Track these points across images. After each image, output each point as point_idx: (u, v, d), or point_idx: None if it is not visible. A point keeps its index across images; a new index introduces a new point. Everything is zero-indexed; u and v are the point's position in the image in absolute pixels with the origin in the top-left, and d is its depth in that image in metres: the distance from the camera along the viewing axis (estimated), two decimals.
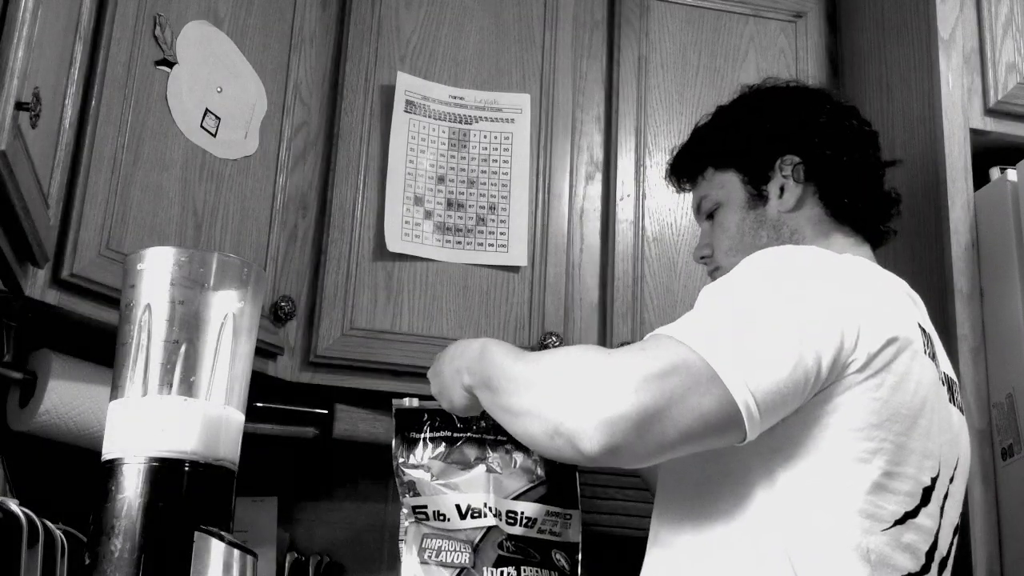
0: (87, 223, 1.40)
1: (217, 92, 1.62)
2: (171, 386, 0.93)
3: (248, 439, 1.09)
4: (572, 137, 1.93)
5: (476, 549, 1.32)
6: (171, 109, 1.54)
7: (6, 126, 1.04)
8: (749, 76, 2.00)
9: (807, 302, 1.07)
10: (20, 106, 1.06)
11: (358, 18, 1.88)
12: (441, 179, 1.84)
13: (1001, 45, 1.76)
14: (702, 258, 1.41)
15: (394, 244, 1.77)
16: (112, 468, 0.92)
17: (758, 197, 1.34)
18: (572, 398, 1.02)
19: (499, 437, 1.38)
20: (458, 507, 1.33)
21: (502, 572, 1.31)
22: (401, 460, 1.37)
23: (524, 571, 1.32)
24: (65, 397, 1.48)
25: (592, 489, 1.71)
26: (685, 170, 1.46)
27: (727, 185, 1.37)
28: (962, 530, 1.56)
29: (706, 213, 1.40)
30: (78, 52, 1.38)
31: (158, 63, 1.53)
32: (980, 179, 1.69)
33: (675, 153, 1.49)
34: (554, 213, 1.87)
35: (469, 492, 1.34)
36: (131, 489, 0.90)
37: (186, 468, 0.91)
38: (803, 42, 2.06)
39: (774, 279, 1.09)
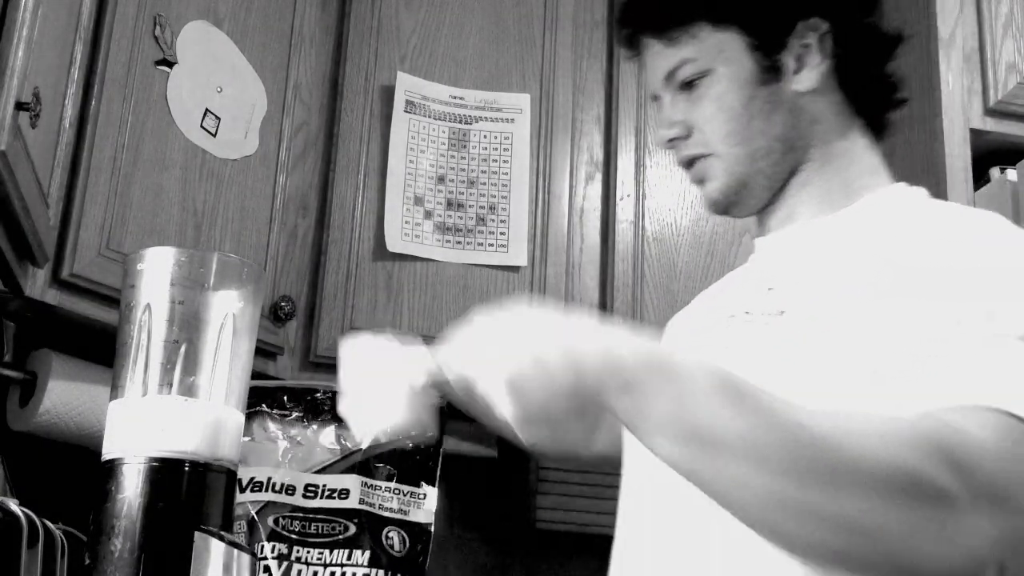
0: (87, 223, 1.40)
1: (217, 92, 1.62)
2: (171, 386, 0.93)
3: None
4: (572, 137, 1.93)
5: (251, 523, 1.30)
6: (171, 109, 1.54)
7: (6, 126, 1.04)
8: None
9: None
10: (20, 106, 1.06)
11: (358, 18, 1.88)
12: (441, 179, 1.84)
13: (1001, 45, 1.76)
14: (671, 140, 1.07)
15: (394, 244, 1.77)
16: (112, 468, 0.92)
17: (770, 69, 1.03)
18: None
19: (296, 412, 1.36)
20: (240, 480, 1.27)
21: (273, 547, 1.29)
22: None
23: (299, 550, 1.29)
24: (65, 397, 1.48)
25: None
26: (658, 20, 1.06)
27: (727, 49, 1.03)
28: None
29: (683, 81, 1.05)
30: (78, 52, 1.38)
31: (158, 63, 1.53)
32: (980, 179, 1.69)
33: None
34: (554, 213, 1.87)
35: (256, 465, 1.31)
36: (131, 489, 0.90)
37: (186, 468, 0.91)
38: None
39: None
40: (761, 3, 1.04)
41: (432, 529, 1.36)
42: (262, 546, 1.27)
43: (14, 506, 1.11)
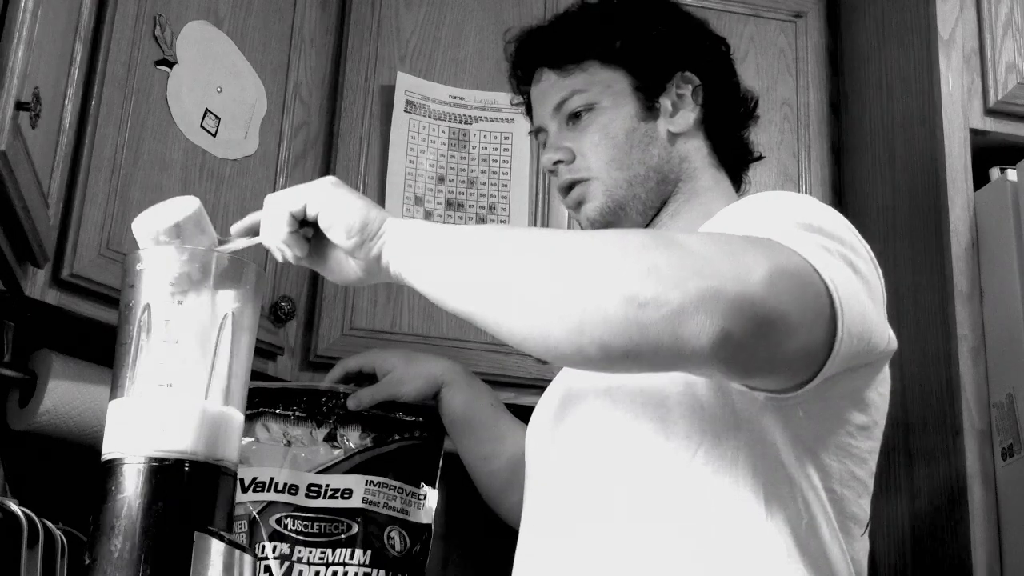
0: (87, 223, 1.40)
1: (217, 92, 1.62)
2: (171, 386, 0.93)
3: None
4: None
5: (252, 523, 1.29)
6: (171, 109, 1.54)
7: (6, 126, 1.04)
8: (749, 76, 1.99)
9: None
10: (20, 106, 1.06)
11: (358, 18, 1.88)
12: (441, 179, 1.84)
13: (1001, 45, 1.76)
14: (556, 163, 1.19)
15: None
16: (112, 468, 0.92)
17: (650, 108, 1.17)
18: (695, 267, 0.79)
19: (298, 413, 1.35)
20: (242, 480, 1.28)
21: (275, 547, 1.29)
22: None
23: (300, 550, 1.28)
24: (65, 397, 1.48)
25: None
26: (555, 53, 1.21)
27: (614, 87, 1.17)
28: (962, 530, 1.56)
29: (571, 111, 1.18)
30: (78, 52, 1.38)
31: (158, 63, 1.53)
32: (980, 179, 1.69)
33: (535, 30, 1.26)
34: (554, 213, 1.87)
35: (257, 466, 1.31)
36: (131, 489, 0.90)
37: (186, 468, 0.91)
38: (803, 42, 2.06)
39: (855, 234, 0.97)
40: (646, 51, 1.18)
41: (432, 529, 1.36)
42: (263, 546, 1.27)
43: (14, 506, 1.11)
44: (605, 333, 0.79)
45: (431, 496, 1.37)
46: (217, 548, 0.90)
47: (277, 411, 1.35)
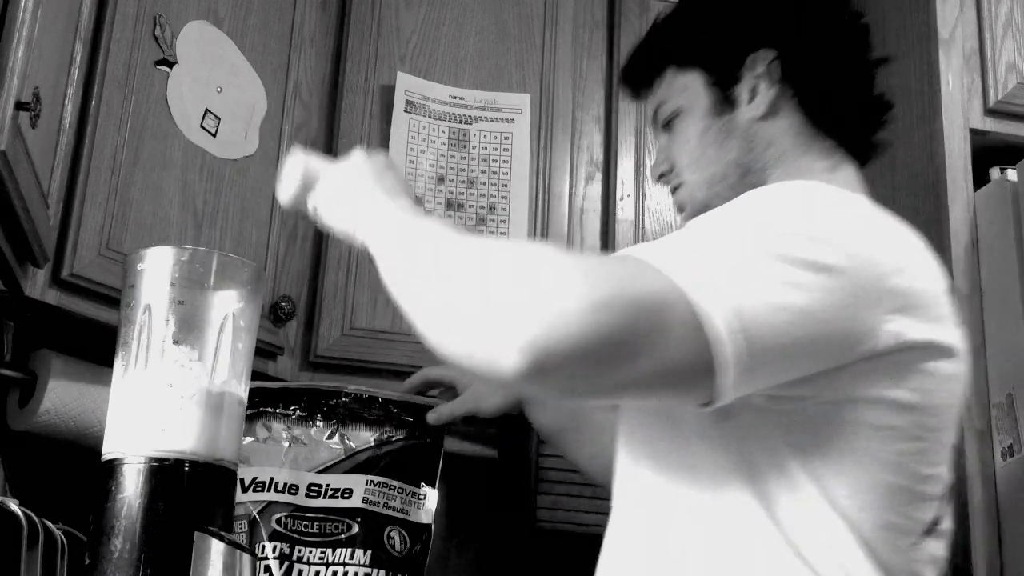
0: (87, 223, 1.40)
1: (217, 92, 1.62)
2: (171, 386, 0.93)
3: None
4: (572, 137, 1.93)
5: (252, 523, 1.29)
6: (171, 109, 1.54)
7: (6, 126, 1.04)
8: None
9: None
10: (20, 106, 1.06)
11: (358, 18, 1.88)
12: (441, 179, 1.84)
13: (1001, 45, 1.76)
14: (660, 176, 1.20)
15: None
16: (112, 468, 0.92)
17: (725, 102, 1.13)
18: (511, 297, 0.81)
19: (299, 412, 1.35)
20: (242, 480, 1.27)
21: (275, 547, 1.29)
22: None
23: (300, 550, 1.27)
24: (65, 397, 1.48)
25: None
26: (641, 73, 1.22)
27: (689, 88, 1.16)
28: (962, 530, 1.56)
29: (663, 122, 1.19)
30: (78, 52, 1.38)
31: (158, 63, 1.53)
32: (980, 179, 1.69)
33: (631, 53, 1.26)
34: (554, 213, 1.87)
35: (257, 465, 1.30)
36: (131, 489, 0.90)
37: (186, 468, 0.91)
38: None
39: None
40: (714, 43, 1.14)
41: (432, 529, 1.36)
42: (263, 546, 1.27)
43: (14, 506, 1.11)
44: (460, 356, 0.86)
45: (431, 496, 1.37)
46: (217, 548, 0.90)
47: (278, 410, 1.35)
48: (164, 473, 0.91)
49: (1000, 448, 1.57)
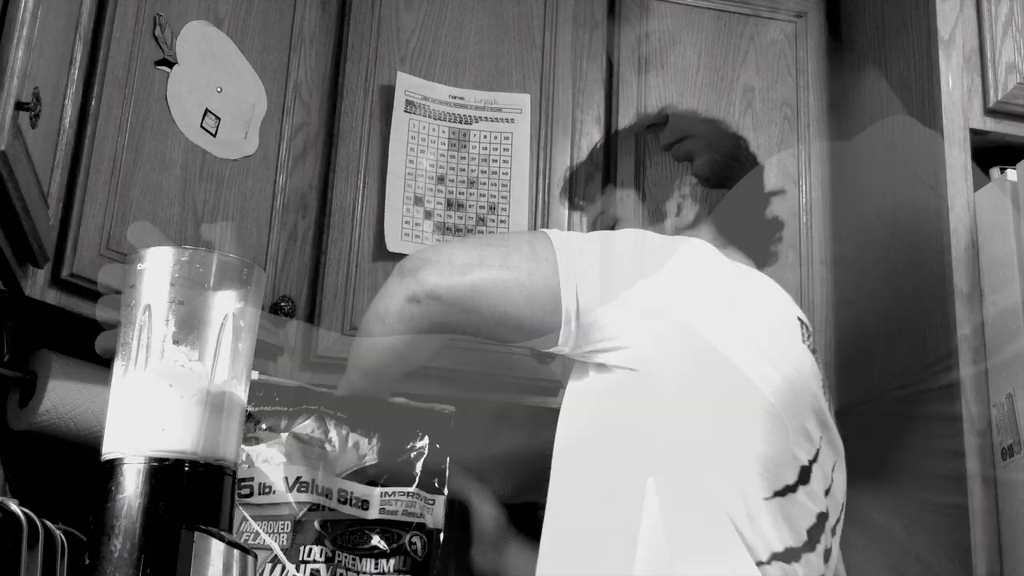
0: (87, 223, 1.40)
1: (217, 92, 1.62)
2: (171, 386, 0.93)
3: None
4: (572, 137, 1.93)
5: (297, 525, 1.29)
6: (171, 109, 1.54)
7: (6, 126, 1.04)
8: (749, 76, 2.00)
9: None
10: (20, 106, 1.06)
11: (358, 18, 1.88)
12: (441, 179, 1.84)
13: (1001, 45, 1.76)
14: None
15: (394, 244, 1.77)
16: (112, 468, 0.92)
17: (656, 212, 1.50)
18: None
19: (338, 413, 1.36)
20: (286, 479, 1.28)
21: (321, 551, 1.27)
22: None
23: (340, 555, 1.28)
24: (65, 397, 1.48)
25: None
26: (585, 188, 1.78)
27: (625, 200, 1.56)
28: (962, 530, 1.56)
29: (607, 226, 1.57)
30: (78, 52, 1.38)
31: (158, 63, 1.53)
32: (980, 179, 1.69)
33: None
34: (554, 213, 1.87)
35: (297, 465, 1.31)
36: (131, 489, 0.90)
37: (186, 468, 0.91)
38: (803, 42, 2.06)
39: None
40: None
41: (443, 535, 1.37)
42: (310, 549, 1.27)
43: (14, 506, 1.11)
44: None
45: (439, 502, 1.38)
46: (217, 548, 0.90)
47: (314, 409, 1.36)
48: (164, 473, 0.91)
49: (1000, 448, 1.57)
